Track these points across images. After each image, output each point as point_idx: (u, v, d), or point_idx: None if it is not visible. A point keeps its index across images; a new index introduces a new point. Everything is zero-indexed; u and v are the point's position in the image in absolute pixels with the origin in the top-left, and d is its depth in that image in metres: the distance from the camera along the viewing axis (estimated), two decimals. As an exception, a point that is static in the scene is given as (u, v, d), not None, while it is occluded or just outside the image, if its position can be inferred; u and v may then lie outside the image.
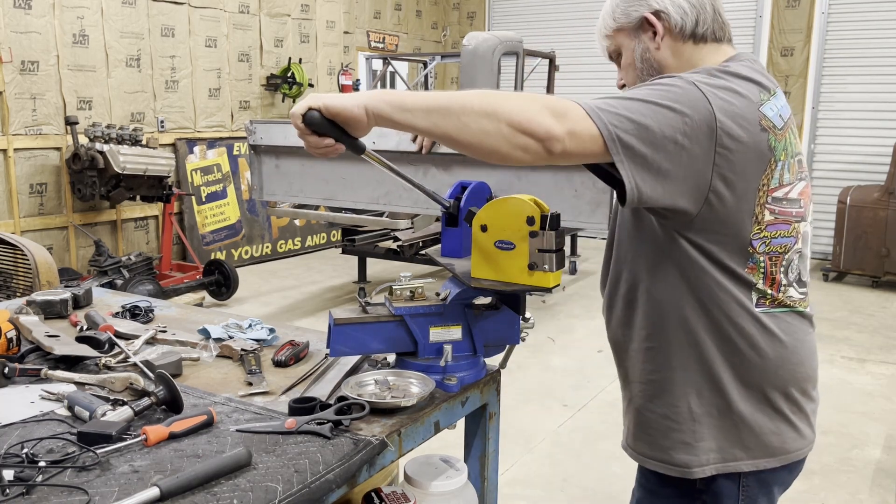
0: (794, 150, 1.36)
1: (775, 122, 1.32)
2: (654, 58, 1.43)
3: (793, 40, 8.14)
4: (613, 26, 1.45)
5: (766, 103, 1.32)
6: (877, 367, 4.82)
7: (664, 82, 1.29)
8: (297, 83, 7.89)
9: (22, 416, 1.38)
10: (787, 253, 1.37)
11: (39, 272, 3.45)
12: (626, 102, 1.24)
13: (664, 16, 1.41)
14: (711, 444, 1.40)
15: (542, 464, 3.50)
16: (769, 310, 1.38)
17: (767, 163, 1.30)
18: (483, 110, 1.22)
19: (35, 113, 5.84)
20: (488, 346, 1.60)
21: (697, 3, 1.41)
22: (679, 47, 1.42)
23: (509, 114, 1.20)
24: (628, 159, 1.22)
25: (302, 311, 6.03)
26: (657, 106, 1.23)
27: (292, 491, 1.14)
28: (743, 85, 1.31)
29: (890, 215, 6.67)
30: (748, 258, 1.34)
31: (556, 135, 1.20)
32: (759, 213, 1.32)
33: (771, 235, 1.34)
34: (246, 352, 1.71)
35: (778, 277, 1.37)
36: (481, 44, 6.11)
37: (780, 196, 1.34)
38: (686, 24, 1.40)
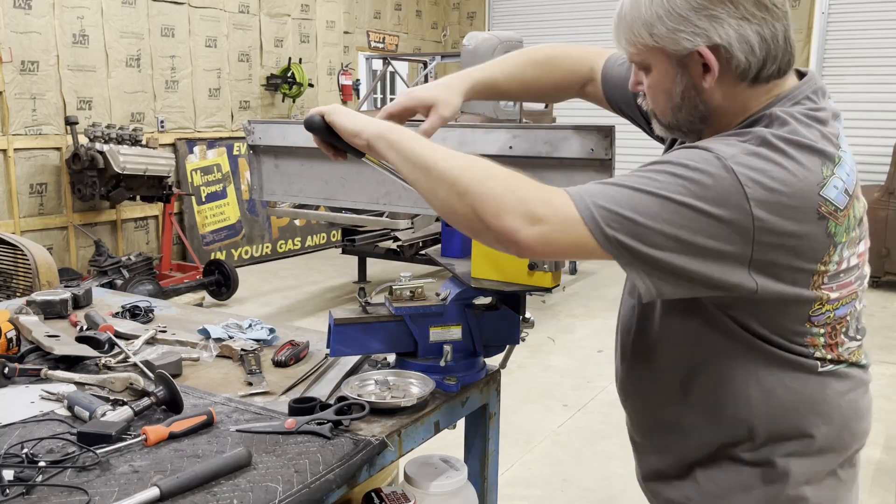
0: (856, 221, 1.14)
1: (838, 203, 1.08)
2: (700, 98, 1.15)
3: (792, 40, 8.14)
4: (649, 42, 1.13)
5: (828, 181, 1.07)
6: (877, 367, 4.81)
7: (690, 166, 1.05)
8: (297, 83, 7.89)
9: (22, 416, 1.38)
10: (849, 318, 1.20)
11: (39, 272, 3.45)
12: (635, 197, 1.04)
13: (724, 52, 1.10)
14: None
15: (542, 464, 3.50)
16: (832, 367, 1.20)
17: (825, 251, 1.09)
18: (456, 185, 1.11)
19: (35, 113, 5.84)
20: (488, 346, 1.60)
21: (770, 35, 1.10)
22: (735, 90, 1.14)
23: (479, 198, 1.09)
24: (640, 266, 1.06)
25: (302, 311, 6.03)
26: (676, 204, 1.03)
27: (292, 491, 1.13)
28: (803, 160, 1.06)
29: (890, 215, 6.67)
30: (806, 334, 1.16)
31: (520, 240, 1.07)
32: (820, 295, 1.13)
33: (833, 308, 1.16)
34: (246, 352, 1.71)
35: (838, 340, 1.20)
36: (481, 44, 6.11)
37: (838, 272, 1.14)
38: (751, 64, 1.11)
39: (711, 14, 1.08)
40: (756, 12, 1.08)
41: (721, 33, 1.09)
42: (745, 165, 1.04)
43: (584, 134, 1.50)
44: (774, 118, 1.10)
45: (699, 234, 1.04)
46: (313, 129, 1.34)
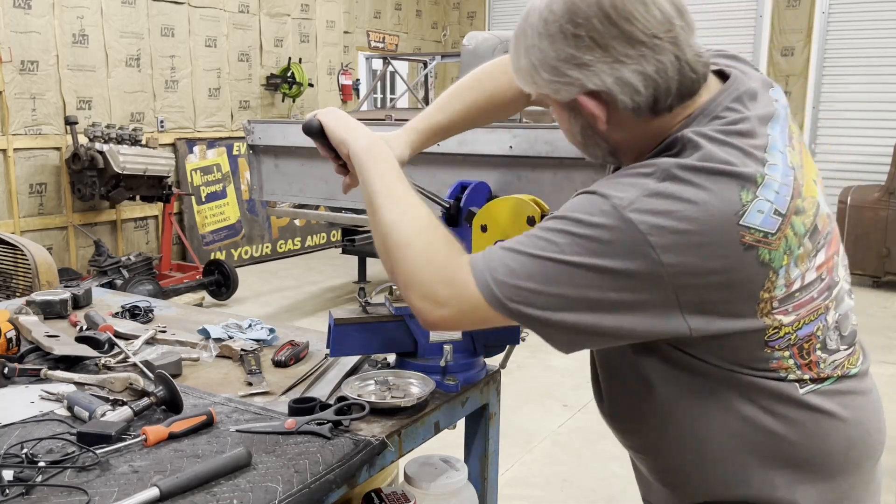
0: (802, 233, 1.03)
1: (766, 227, 0.99)
2: (600, 137, 1.11)
3: (793, 40, 8.14)
4: (535, 90, 1.11)
5: (749, 207, 0.98)
6: (877, 367, 4.79)
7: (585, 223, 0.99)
8: (296, 83, 7.89)
9: (21, 416, 1.37)
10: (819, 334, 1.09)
11: (39, 272, 3.44)
12: (534, 265, 1.00)
13: (605, 95, 1.04)
14: None
15: (542, 464, 3.50)
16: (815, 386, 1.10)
17: (762, 281, 1.01)
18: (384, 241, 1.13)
19: (35, 113, 5.84)
20: (488, 346, 1.60)
21: (655, 69, 1.02)
22: (634, 124, 1.07)
23: (398, 264, 1.10)
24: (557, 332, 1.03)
25: (302, 311, 6.03)
26: (576, 267, 0.98)
27: (292, 491, 1.13)
28: (715, 188, 0.97)
29: (890, 215, 6.67)
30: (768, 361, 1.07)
31: (430, 320, 1.08)
32: (767, 322, 1.03)
33: (793, 329, 1.06)
34: (246, 352, 1.71)
35: (813, 358, 1.09)
36: (481, 44, 6.10)
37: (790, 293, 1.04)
38: (640, 103, 1.04)
39: (581, 63, 1.03)
40: (630, 52, 1.01)
41: (595, 81, 1.03)
42: (646, 211, 0.97)
43: None
44: (686, 142, 1.02)
45: (609, 291, 0.98)
46: (311, 133, 1.33)
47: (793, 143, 1.10)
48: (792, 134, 1.11)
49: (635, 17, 1.00)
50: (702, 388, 1.10)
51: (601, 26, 1.00)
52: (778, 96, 1.14)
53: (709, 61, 1.08)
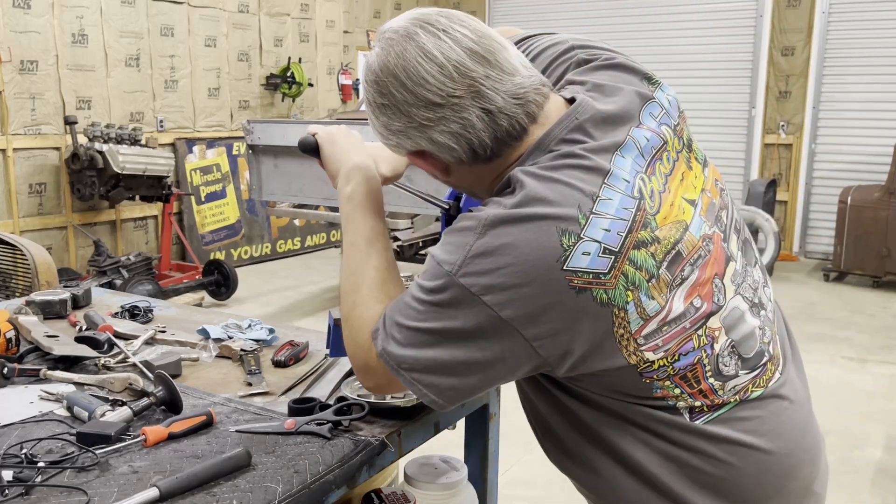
0: (653, 265, 0.99)
1: (595, 267, 0.96)
2: (443, 182, 1.17)
3: (793, 40, 8.14)
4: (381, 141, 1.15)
5: (573, 249, 0.96)
6: (878, 367, 4.81)
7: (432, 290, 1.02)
8: (296, 83, 7.89)
9: (21, 416, 1.37)
10: (704, 363, 1.05)
11: (38, 272, 3.44)
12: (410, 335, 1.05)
13: (430, 156, 1.09)
14: None
15: (543, 464, 3.48)
16: (712, 415, 1.07)
17: (611, 318, 0.98)
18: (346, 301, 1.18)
19: (34, 113, 5.84)
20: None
21: (461, 127, 1.02)
22: (469, 172, 1.10)
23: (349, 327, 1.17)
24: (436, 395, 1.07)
25: (302, 311, 6.03)
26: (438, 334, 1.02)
27: (292, 492, 1.13)
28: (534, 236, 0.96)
29: (891, 215, 6.66)
30: (652, 390, 1.05)
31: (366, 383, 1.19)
32: (635, 360, 1.02)
33: (669, 362, 1.03)
34: (245, 352, 1.71)
35: (704, 387, 1.06)
36: (481, 43, 6.10)
37: (655, 328, 1.00)
38: (460, 157, 1.06)
39: (395, 130, 1.08)
40: (431, 116, 1.03)
41: (410, 144, 1.08)
42: (472, 273, 0.98)
43: None
44: (514, 182, 1.02)
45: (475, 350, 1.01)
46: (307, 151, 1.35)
47: (655, 168, 1.05)
48: (661, 156, 1.06)
49: (427, 81, 1.01)
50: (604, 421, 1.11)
51: (399, 94, 1.04)
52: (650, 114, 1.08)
53: (534, 99, 1.05)
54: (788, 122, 8.22)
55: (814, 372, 4.67)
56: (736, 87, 8.30)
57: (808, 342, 5.31)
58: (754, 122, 8.25)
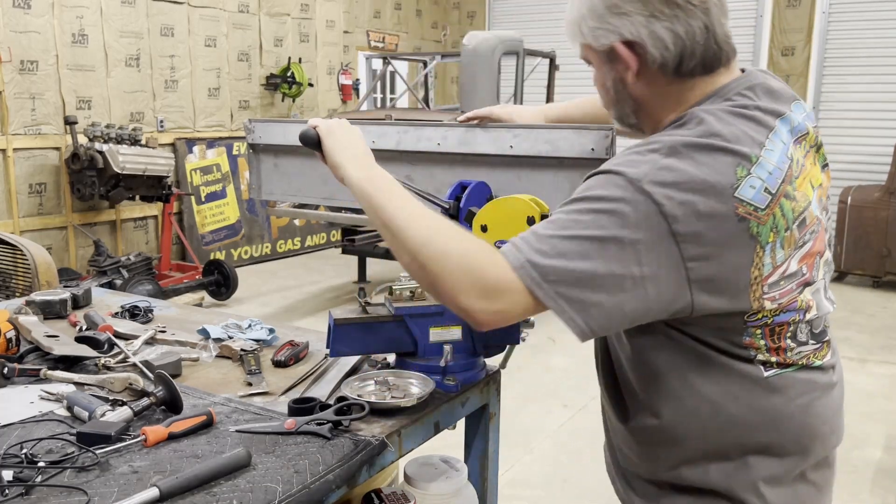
0: (791, 218, 1.11)
1: (756, 202, 1.07)
2: (627, 92, 1.20)
3: (793, 40, 8.14)
4: (580, 40, 1.21)
5: (743, 182, 1.06)
6: (878, 367, 4.81)
7: (606, 196, 1.07)
8: (296, 83, 7.89)
9: (21, 416, 1.37)
10: (791, 325, 1.18)
11: (39, 272, 3.44)
12: (564, 245, 1.06)
13: (639, 48, 1.14)
14: None
15: (542, 464, 3.49)
16: (779, 371, 1.19)
17: (751, 255, 1.08)
18: (416, 256, 1.14)
19: (34, 113, 5.84)
20: (488, 347, 1.60)
21: (685, 31, 1.12)
22: (659, 84, 1.17)
23: (437, 273, 1.12)
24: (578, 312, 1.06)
25: (302, 311, 6.03)
26: (600, 242, 1.05)
27: (292, 491, 1.13)
28: (712, 163, 1.06)
29: (891, 215, 6.67)
30: (743, 335, 1.16)
31: (477, 318, 1.11)
32: (757, 305, 1.12)
33: (772, 314, 1.15)
34: (245, 352, 1.71)
35: (782, 345, 1.18)
36: (481, 43, 6.10)
37: (776, 279, 1.12)
38: (668, 60, 1.14)
39: (622, 12, 1.13)
40: (665, 10, 1.11)
41: (631, 30, 1.13)
42: (658, 183, 1.05)
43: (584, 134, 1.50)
44: (692, 119, 1.13)
45: (632, 265, 1.05)
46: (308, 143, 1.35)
47: (803, 147, 1.18)
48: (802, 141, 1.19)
49: None
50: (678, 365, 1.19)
51: None
52: (799, 111, 1.20)
53: (734, 48, 1.18)
54: (788, 122, 8.22)
55: (814, 372, 4.68)
56: (736, 87, 8.29)
57: (807, 342, 5.31)
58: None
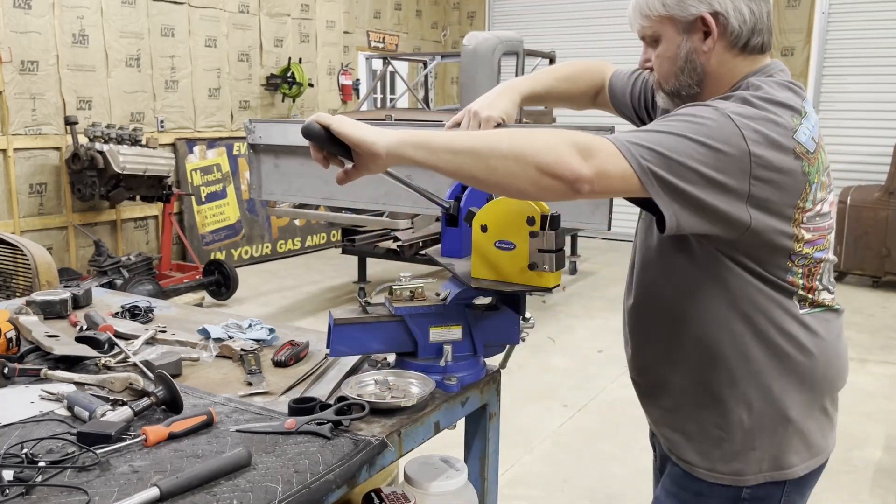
0: (823, 168, 1.34)
1: (808, 146, 1.29)
2: (699, 61, 1.36)
3: (793, 40, 8.15)
4: (662, 12, 1.35)
5: (799, 129, 1.28)
6: (877, 367, 4.81)
7: (698, 115, 1.25)
8: (296, 83, 7.89)
9: (21, 416, 1.38)
10: (822, 263, 1.38)
11: (39, 272, 3.45)
12: (659, 137, 1.22)
13: (722, 19, 1.33)
14: (763, 454, 1.40)
15: (542, 464, 3.50)
16: (810, 311, 1.38)
17: (802, 188, 1.29)
18: (511, 153, 1.21)
19: (35, 113, 5.84)
20: (488, 346, 1.60)
21: (758, 10, 1.33)
22: (727, 56, 1.36)
23: (536, 156, 1.20)
24: (666, 194, 1.22)
25: (302, 311, 6.03)
26: (691, 142, 1.21)
27: (292, 491, 1.13)
28: (778, 112, 1.27)
29: (890, 215, 6.67)
30: (788, 272, 1.34)
31: (583, 176, 1.19)
32: (798, 233, 1.32)
33: (811, 251, 1.35)
34: (246, 352, 1.71)
35: (814, 285, 1.38)
36: (481, 44, 6.11)
37: (814, 214, 1.33)
38: (743, 32, 1.33)
39: None
40: None
41: (721, 2, 1.32)
42: (739, 115, 1.24)
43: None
44: (750, 85, 1.33)
45: (711, 169, 1.21)
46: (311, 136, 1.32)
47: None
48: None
49: None
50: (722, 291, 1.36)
51: None
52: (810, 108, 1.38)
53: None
54: (788, 123, 8.23)
55: (814, 372, 4.68)
56: (736, 87, 8.29)
57: (807, 342, 5.31)
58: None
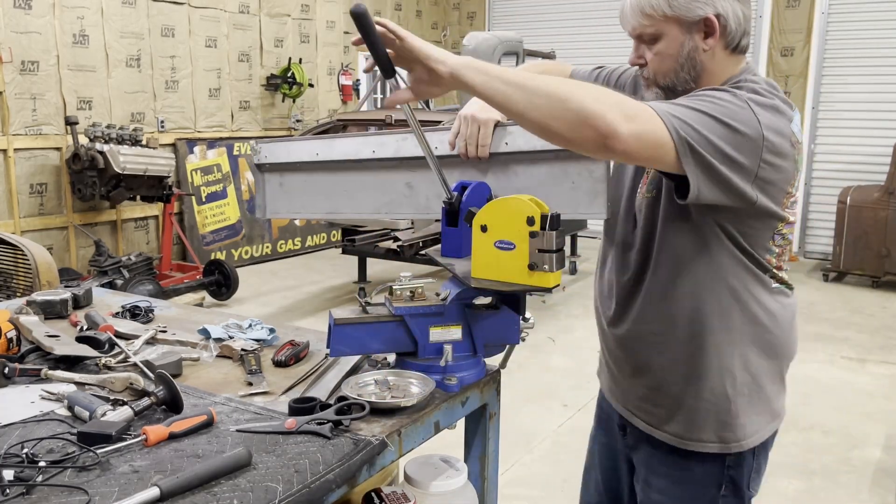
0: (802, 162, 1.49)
1: (799, 137, 1.42)
2: (699, 59, 1.44)
3: (793, 40, 8.14)
4: (667, 12, 1.42)
5: (793, 121, 1.41)
6: (877, 367, 4.81)
7: (721, 98, 1.34)
8: (297, 83, 7.89)
9: (22, 416, 1.38)
10: (789, 245, 1.53)
11: (39, 272, 3.45)
12: (691, 113, 1.31)
13: (723, 20, 1.42)
14: (744, 420, 1.52)
15: (542, 464, 3.50)
16: (778, 286, 1.53)
17: (793, 174, 1.42)
18: (557, 95, 1.25)
19: (35, 113, 5.84)
20: (488, 346, 1.60)
21: (744, 14, 1.45)
22: (722, 55, 1.46)
23: (580, 102, 1.24)
24: (696, 166, 1.30)
25: (302, 311, 6.04)
26: (716, 121, 1.31)
27: (292, 491, 1.14)
28: (782, 103, 1.40)
29: (890, 215, 6.67)
30: (768, 251, 1.49)
31: (620, 135, 1.23)
32: (785, 216, 1.46)
33: (788, 232, 1.50)
34: (246, 352, 1.71)
35: (781, 264, 1.53)
36: (481, 44, 6.11)
37: (794, 200, 1.47)
38: (737, 33, 1.44)
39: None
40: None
41: (723, 4, 1.41)
42: (753, 101, 1.35)
43: None
44: (749, 81, 1.43)
45: (732, 147, 1.31)
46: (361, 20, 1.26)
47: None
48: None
49: None
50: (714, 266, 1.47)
51: None
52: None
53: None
54: (788, 123, 8.22)
55: (813, 372, 4.69)
56: (736, 87, 8.29)
57: (807, 342, 5.31)
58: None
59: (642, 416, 1.62)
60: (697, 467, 1.56)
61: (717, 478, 1.55)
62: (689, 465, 1.56)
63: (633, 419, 1.65)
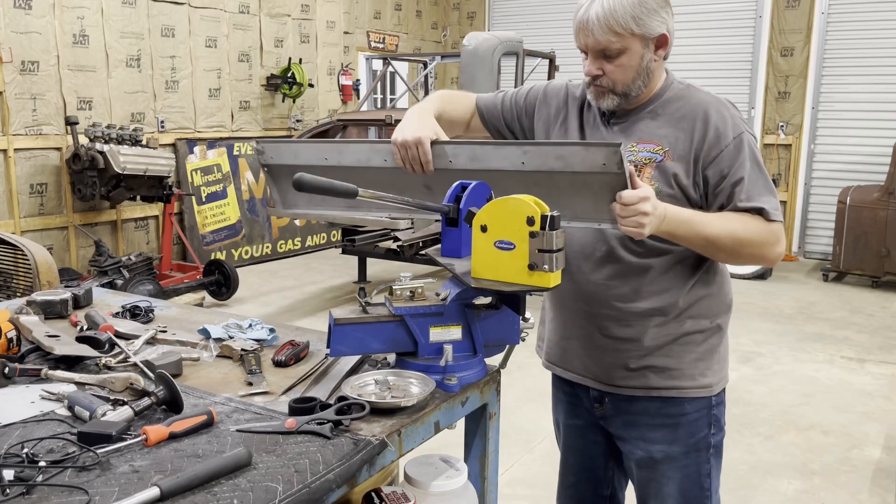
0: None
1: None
2: (652, 68, 1.66)
3: (793, 40, 8.15)
4: (635, 30, 1.59)
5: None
6: (877, 367, 4.81)
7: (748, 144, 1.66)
8: (297, 83, 7.90)
9: (22, 416, 1.38)
10: None
11: (39, 272, 3.45)
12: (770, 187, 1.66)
13: (669, 34, 1.65)
14: (719, 366, 1.80)
15: (542, 464, 3.50)
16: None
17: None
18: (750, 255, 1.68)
19: (35, 113, 5.84)
20: (488, 346, 1.60)
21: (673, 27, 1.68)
22: (662, 63, 1.70)
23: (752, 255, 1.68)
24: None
25: (302, 311, 6.04)
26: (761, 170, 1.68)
27: (292, 491, 1.14)
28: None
29: (890, 215, 6.67)
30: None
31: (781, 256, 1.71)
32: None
33: None
34: (246, 352, 1.71)
35: None
36: (481, 44, 6.11)
37: None
38: (671, 45, 1.67)
39: (664, 9, 1.63)
40: (671, 10, 1.64)
41: (670, 22, 1.64)
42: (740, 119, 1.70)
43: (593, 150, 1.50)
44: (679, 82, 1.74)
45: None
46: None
47: None
48: None
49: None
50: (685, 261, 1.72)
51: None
52: None
53: None
54: (787, 123, 8.23)
55: (813, 372, 4.69)
56: (735, 87, 8.29)
57: (807, 342, 5.31)
58: (753, 122, 8.25)
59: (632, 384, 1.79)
60: (691, 412, 1.78)
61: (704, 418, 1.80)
62: (683, 411, 1.78)
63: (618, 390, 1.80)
